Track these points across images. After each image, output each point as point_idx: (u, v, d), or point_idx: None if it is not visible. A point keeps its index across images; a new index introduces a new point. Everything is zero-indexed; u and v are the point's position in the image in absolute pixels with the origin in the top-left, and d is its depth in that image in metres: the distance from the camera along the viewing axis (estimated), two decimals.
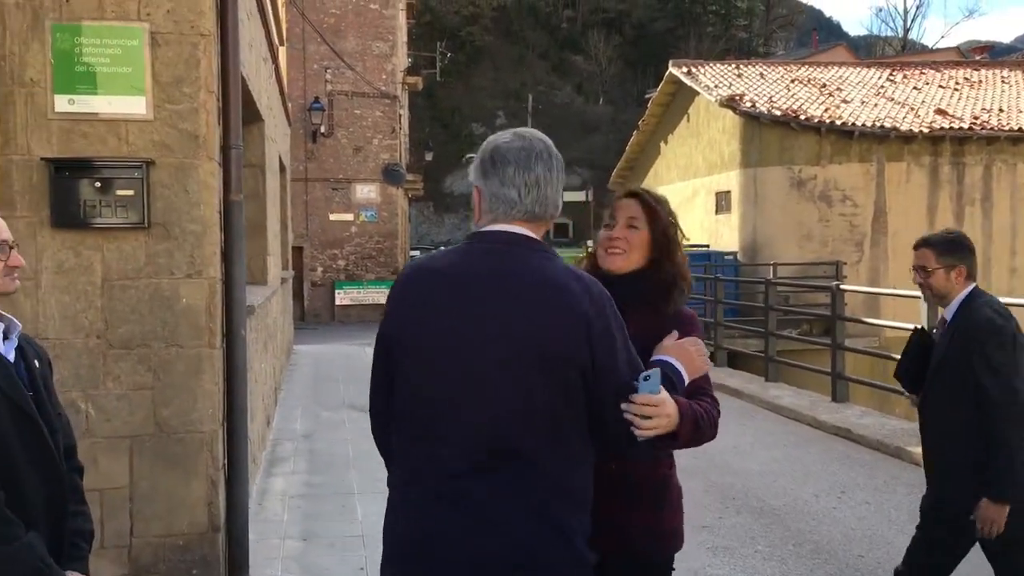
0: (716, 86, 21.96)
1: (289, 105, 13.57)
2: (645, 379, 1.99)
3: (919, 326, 3.94)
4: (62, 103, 4.28)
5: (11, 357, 2.28)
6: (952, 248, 3.66)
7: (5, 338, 2.30)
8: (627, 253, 2.52)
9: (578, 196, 32.03)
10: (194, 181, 4.41)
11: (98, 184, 4.29)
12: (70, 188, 4.28)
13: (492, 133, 2.28)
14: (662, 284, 2.49)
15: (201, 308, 4.44)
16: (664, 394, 2.00)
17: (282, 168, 11.74)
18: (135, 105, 4.34)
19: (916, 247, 3.75)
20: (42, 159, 4.25)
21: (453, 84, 51.22)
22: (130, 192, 4.32)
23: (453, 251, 2.15)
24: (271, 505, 6.44)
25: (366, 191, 24.84)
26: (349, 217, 24.76)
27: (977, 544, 3.61)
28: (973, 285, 3.67)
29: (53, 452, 2.28)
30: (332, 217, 24.70)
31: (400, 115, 25.83)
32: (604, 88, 58.52)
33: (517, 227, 2.09)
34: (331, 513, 6.23)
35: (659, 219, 2.54)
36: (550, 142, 2.15)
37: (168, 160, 4.38)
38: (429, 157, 36.76)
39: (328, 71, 24.26)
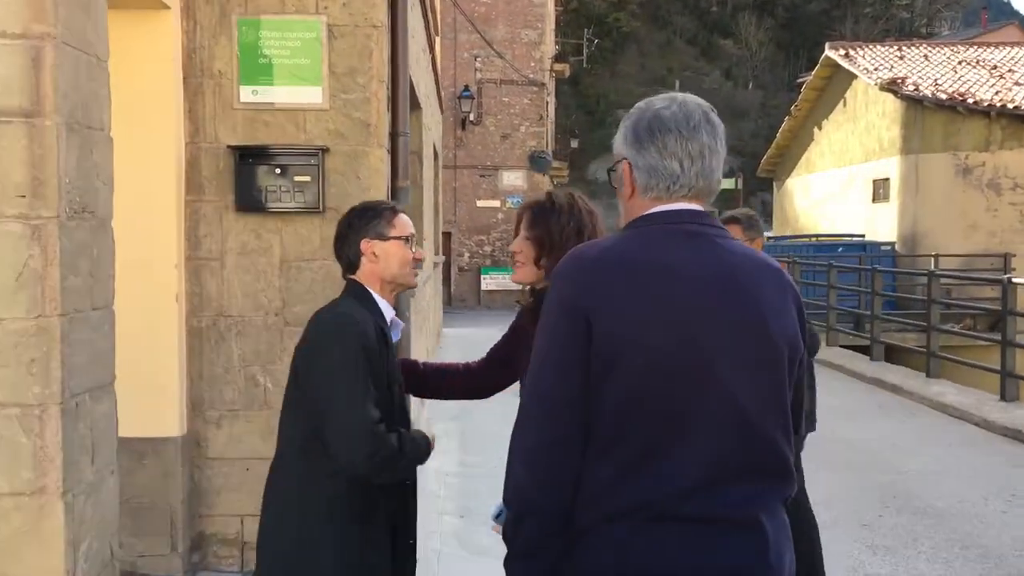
0: (876, 69, 21.08)
1: (441, 93, 13.87)
2: None
3: None
4: (246, 94, 4.53)
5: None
6: (754, 223, 4.39)
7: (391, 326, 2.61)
8: (525, 265, 2.58)
9: (727, 183, 31.28)
10: (365, 167, 4.59)
11: (278, 170, 4.52)
12: (252, 174, 4.53)
13: None
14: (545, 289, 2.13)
15: None
16: None
17: (435, 155, 12.03)
18: (312, 95, 4.56)
19: (725, 223, 4.23)
20: (228, 147, 4.51)
21: (599, 71, 50.93)
22: (307, 178, 4.54)
23: (631, 238, 1.80)
24: (427, 482, 6.64)
25: (512, 178, 25.11)
26: (496, 204, 25.10)
27: None
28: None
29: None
30: (479, 203, 25.10)
31: (547, 102, 25.96)
32: (754, 73, 56.99)
33: (686, 205, 1.82)
34: (485, 492, 6.36)
35: (540, 223, 2.54)
36: (709, 107, 1.86)
37: (341, 148, 4.57)
38: (574, 144, 36.69)
39: (478, 59, 24.61)
